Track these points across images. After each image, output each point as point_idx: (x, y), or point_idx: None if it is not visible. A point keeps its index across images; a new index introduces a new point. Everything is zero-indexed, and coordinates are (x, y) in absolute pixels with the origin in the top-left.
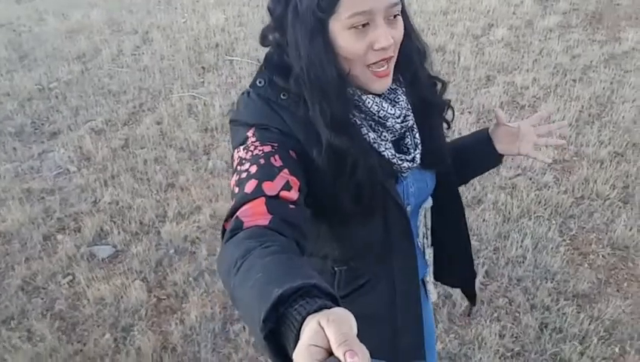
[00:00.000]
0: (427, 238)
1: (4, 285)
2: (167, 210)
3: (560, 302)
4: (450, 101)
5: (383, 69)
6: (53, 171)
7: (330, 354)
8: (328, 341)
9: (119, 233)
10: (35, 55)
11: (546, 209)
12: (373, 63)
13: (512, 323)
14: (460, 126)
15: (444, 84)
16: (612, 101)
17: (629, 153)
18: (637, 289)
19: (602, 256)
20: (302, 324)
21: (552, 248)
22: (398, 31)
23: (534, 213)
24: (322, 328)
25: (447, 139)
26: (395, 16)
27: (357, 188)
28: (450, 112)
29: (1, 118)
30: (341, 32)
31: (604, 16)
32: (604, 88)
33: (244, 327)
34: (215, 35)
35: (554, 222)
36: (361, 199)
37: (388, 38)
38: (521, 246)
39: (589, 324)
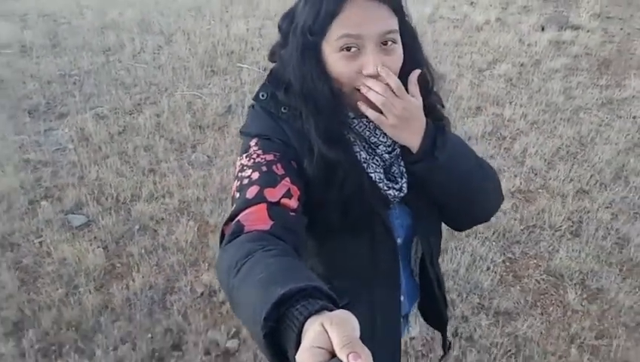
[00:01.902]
0: (415, 268)
1: None
2: (142, 191)
3: (480, 316)
4: (448, 122)
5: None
6: (53, 147)
7: (333, 355)
8: (331, 343)
9: (95, 206)
10: (66, 44)
11: (493, 233)
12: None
13: (427, 328)
14: None
15: (448, 122)
16: (595, 142)
17: (593, 191)
18: (560, 314)
19: (536, 280)
20: (303, 325)
21: (487, 267)
22: (393, 59)
23: (482, 233)
24: (325, 330)
25: None
26: (388, 43)
27: (345, 202)
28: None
29: (21, 96)
30: (331, 55)
31: (614, 63)
32: (590, 130)
33: (179, 298)
34: (233, 43)
35: (499, 244)
36: (349, 213)
37: (377, 64)
38: (458, 261)
39: (501, 338)
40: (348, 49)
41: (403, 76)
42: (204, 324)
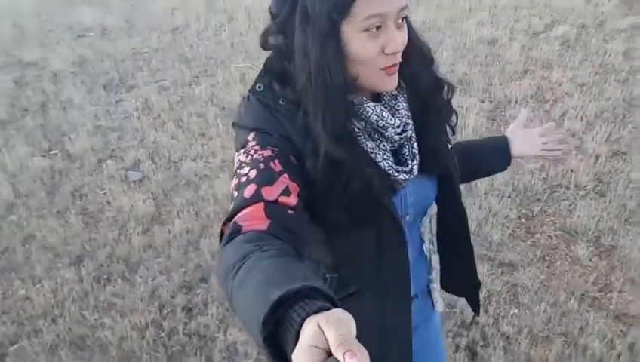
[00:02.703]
0: (433, 244)
1: (60, 189)
2: (190, 152)
3: (482, 266)
4: (452, 106)
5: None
6: (121, 115)
7: (330, 355)
8: (328, 342)
9: (150, 164)
10: (140, 25)
11: (513, 190)
12: (383, 66)
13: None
14: (474, 114)
15: (451, 88)
16: None
17: (632, 153)
18: (567, 268)
19: (548, 236)
20: (301, 325)
21: (500, 223)
22: (405, 34)
23: (500, 191)
24: (322, 329)
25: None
26: (402, 20)
27: (349, 200)
28: (454, 118)
29: (99, 73)
30: (354, 35)
31: None
32: None
33: (210, 242)
34: None
35: (516, 201)
36: (352, 211)
37: (398, 42)
38: (471, 216)
39: (499, 286)
40: (374, 28)
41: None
42: None
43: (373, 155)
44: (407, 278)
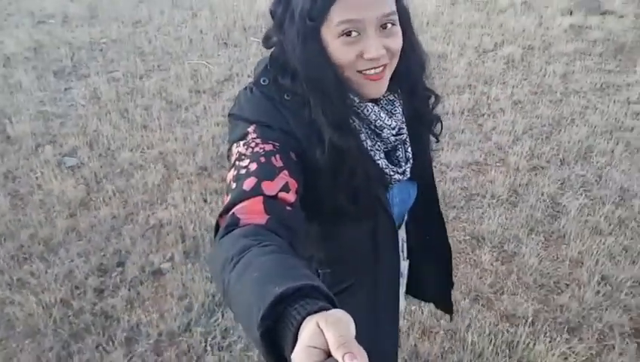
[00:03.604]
0: (403, 251)
1: None
2: (129, 142)
3: None
4: (440, 116)
5: (374, 71)
6: (68, 103)
7: (329, 355)
8: (327, 342)
9: (88, 151)
10: (102, 16)
11: None
12: (363, 70)
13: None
14: None
15: (438, 98)
16: (574, 124)
17: (550, 168)
18: (469, 271)
19: (457, 240)
20: (300, 324)
21: None
22: (394, 40)
23: None
24: (321, 330)
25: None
26: (388, 26)
27: (354, 188)
28: (438, 126)
29: (52, 59)
30: (332, 41)
31: (632, 49)
32: (573, 112)
33: (133, 228)
34: (252, 19)
35: None
36: (358, 199)
37: (379, 48)
38: None
39: None
40: (349, 34)
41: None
42: (147, 249)
43: (372, 153)
44: (398, 271)
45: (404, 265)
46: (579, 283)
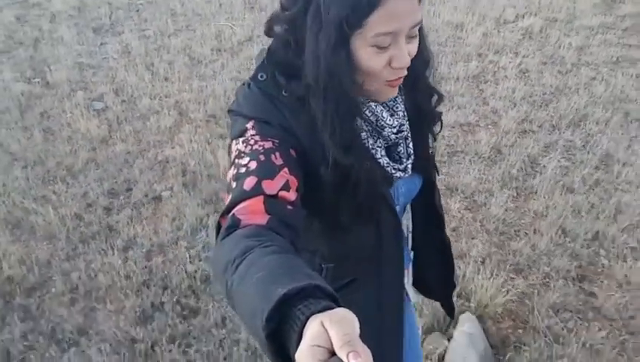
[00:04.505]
0: (408, 242)
1: (32, 109)
2: (151, 91)
3: None
4: (441, 114)
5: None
6: (102, 56)
7: (333, 354)
8: (331, 341)
9: (114, 97)
10: None
11: None
12: (388, 80)
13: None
14: None
15: (440, 97)
16: (577, 93)
17: (541, 131)
18: None
19: None
20: (305, 324)
21: None
22: (414, 45)
23: None
24: (325, 329)
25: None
26: (414, 32)
27: (358, 204)
28: (438, 126)
29: (93, 17)
30: (363, 48)
31: None
32: (578, 82)
33: (143, 161)
34: None
35: None
36: (361, 213)
37: (406, 57)
38: None
39: None
40: (384, 45)
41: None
42: (152, 179)
43: (373, 151)
44: (402, 266)
45: (410, 255)
46: (538, 233)
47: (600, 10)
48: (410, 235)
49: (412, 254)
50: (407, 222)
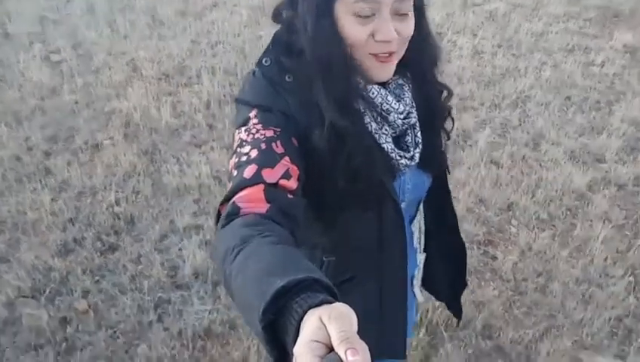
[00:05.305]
0: (420, 243)
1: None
2: (110, 47)
3: None
4: (451, 108)
5: (383, 51)
6: (67, 12)
7: (331, 349)
8: (329, 337)
9: (71, 51)
10: None
11: None
12: (372, 53)
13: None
14: None
15: (450, 93)
16: (523, 75)
17: (481, 109)
18: None
19: None
20: (302, 317)
21: None
22: (407, 27)
23: None
24: (324, 324)
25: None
26: (403, 11)
27: (354, 171)
28: (449, 122)
29: None
30: (345, 16)
31: (624, 16)
32: (527, 66)
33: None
34: None
35: None
36: (358, 182)
37: (391, 31)
38: None
39: None
40: (365, 14)
41: (410, 46)
42: (96, 128)
43: (377, 136)
44: (405, 262)
45: (420, 258)
46: (455, 199)
47: (569, 0)
48: (422, 237)
49: (424, 256)
50: (419, 224)
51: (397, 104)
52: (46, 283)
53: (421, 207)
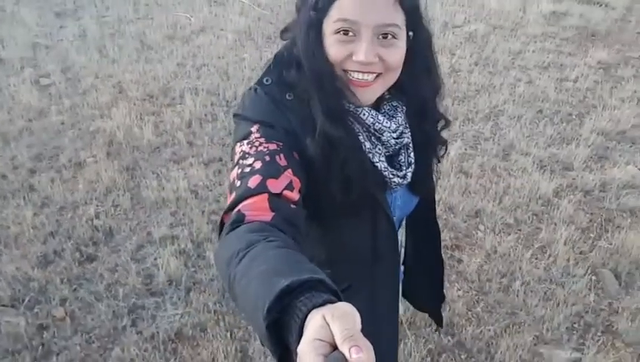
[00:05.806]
0: (399, 256)
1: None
2: (99, 71)
3: None
4: (447, 141)
5: (359, 77)
6: (59, 38)
7: (335, 348)
8: (333, 336)
9: (60, 75)
10: None
11: None
12: (350, 70)
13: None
14: None
15: (448, 123)
16: (500, 91)
17: (455, 123)
18: None
19: None
20: (306, 316)
21: None
22: (391, 52)
23: None
24: (327, 323)
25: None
26: (388, 36)
27: (347, 180)
28: (443, 149)
29: (56, 2)
30: (328, 36)
31: (603, 37)
32: (503, 81)
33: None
34: None
35: None
36: (350, 192)
37: (368, 53)
38: None
39: None
40: (345, 33)
41: (407, 75)
42: (80, 147)
43: (370, 155)
44: (398, 272)
45: (401, 269)
46: None
47: (548, 21)
48: (402, 250)
49: (402, 268)
50: (400, 237)
51: (389, 122)
52: (25, 293)
53: (403, 221)
